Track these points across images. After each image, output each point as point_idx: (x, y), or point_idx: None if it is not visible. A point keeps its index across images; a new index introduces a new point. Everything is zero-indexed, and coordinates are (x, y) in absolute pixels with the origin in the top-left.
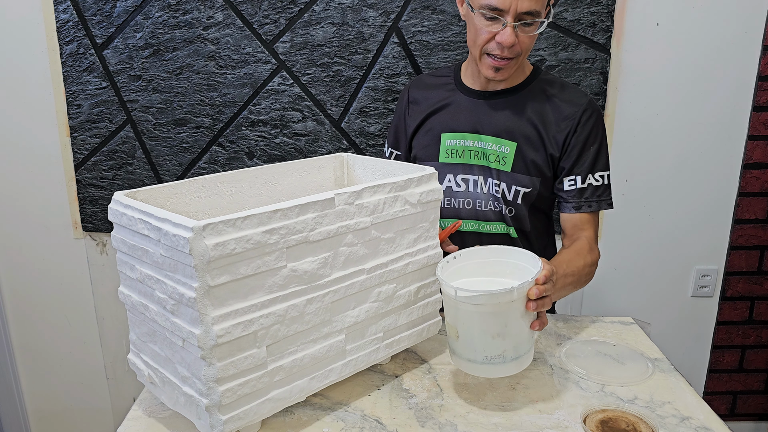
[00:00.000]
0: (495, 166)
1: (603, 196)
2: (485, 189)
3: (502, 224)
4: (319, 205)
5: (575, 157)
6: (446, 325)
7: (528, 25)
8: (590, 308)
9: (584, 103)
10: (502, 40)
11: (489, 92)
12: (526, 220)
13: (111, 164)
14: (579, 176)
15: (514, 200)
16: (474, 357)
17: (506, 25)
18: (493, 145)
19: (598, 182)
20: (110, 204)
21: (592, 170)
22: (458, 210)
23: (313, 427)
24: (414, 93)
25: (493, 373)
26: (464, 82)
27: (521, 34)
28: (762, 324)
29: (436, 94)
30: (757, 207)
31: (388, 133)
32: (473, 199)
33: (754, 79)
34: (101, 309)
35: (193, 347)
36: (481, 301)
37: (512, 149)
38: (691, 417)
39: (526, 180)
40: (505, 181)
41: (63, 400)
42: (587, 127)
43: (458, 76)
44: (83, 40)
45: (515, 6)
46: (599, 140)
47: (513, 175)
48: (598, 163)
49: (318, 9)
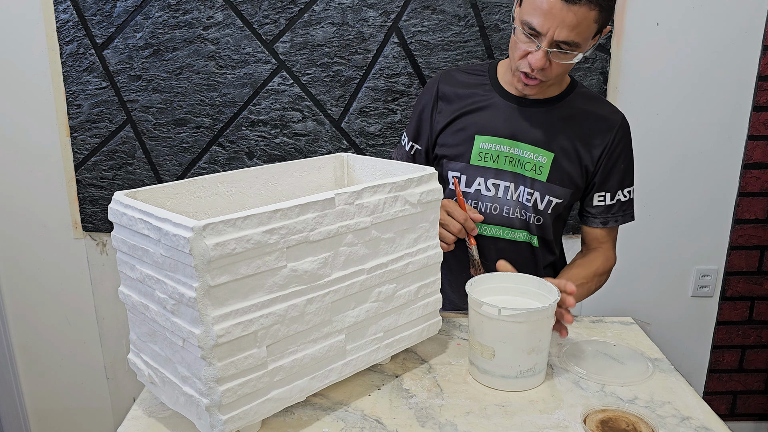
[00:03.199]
0: (531, 174)
1: (628, 210)
2: (515, 196)
3: (525, 233)
4: (319, 205)
5: (607, 173)
6: (476, 347)
7: (564, 54)
8: (590, 308)
9: (619, 120)
10: (532, 61)
11: (528, 99)
12: (550, 229)
13: (111, 164)
14: (609, 193)
15: (545, 210)
16: (509, 373)
17: (539, 47)
18: (531, 153)
19: (625, 198)
20: (110, 204)
21: (621, 186)
22: (484, 214)
23: (313, 427)
24: (444, 88)
25: (525, 386)
26: (502, 84)
27: (554, 60)
28: (762, 324)
29: (471, 93)
30: (757, 207)
31: (409, 123)
32: (501, 204)
33: (754, 79)
34: (101, 309)
35: (194, 347)
36: (524, 318)
37: (549, 159)
38: (691, 417)
39: (560, 191)
40: (539, 191)
41: (63, 400)
42: (621, 145)
43: (494, 77)
44: (83, 40)
45: (552, 32)
46: (629, 157)
47: (548, 185)
48: (626, 179)
49: (318, 9)
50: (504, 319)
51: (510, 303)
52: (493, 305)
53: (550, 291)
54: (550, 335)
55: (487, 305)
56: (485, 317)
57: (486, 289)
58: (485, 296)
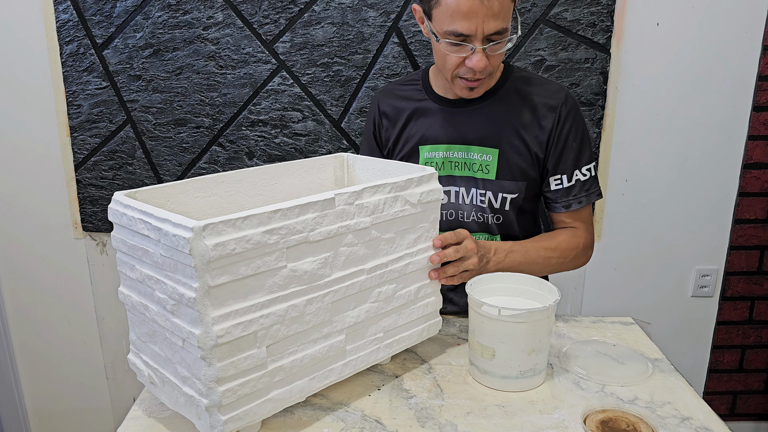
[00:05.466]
0: (479, 175)
1: (591, 189)
2: (467, 200)
3: (485, 235)
4: (319, 205)
5: (558, 155)
6: (476, 347)
7: (497, 44)
8: (590, 308)
9: (562, 98)
10: (472, 65)
11: (463, 100)
12: (515, 224)
13: (111, 164)
14: (565, 175)
15: (501, 208)
16: (509, 373)
17: (474, 50)
18: (475, 154)
19: (585, 176)
20: (110, 204)
21: (577, 166)
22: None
23: (313, 427)
24: (384, 106)
25: (525, 386)
26: (435, 90)
27: (491, 55)
28: (762, 324)
29: (407, 104)
30: (757, 207)
31: (361, 147)
32: (455, 210)
33: (754, 79)
34: (101, 309)
35: (193, 347)
36: (524, 319)
37: (495, 156)
38: (691, 417)
39: (512, 186)
40: (490, 190)
41: (63, 400)
42: (567, 123)
43: (427, 84)
44: (83, 40)
45: (481, 29)
46: (580, 133)
47: (498, 182)
48: (583, 158)
49: (318, 9)
50: (504, 320)
51: (510, 303)
52: (493, 305)
53: (550, 291)
54: (551, 335)
55: (487, 305)
56: (485, 317)
57: (486, 289)
58: (485, 296)
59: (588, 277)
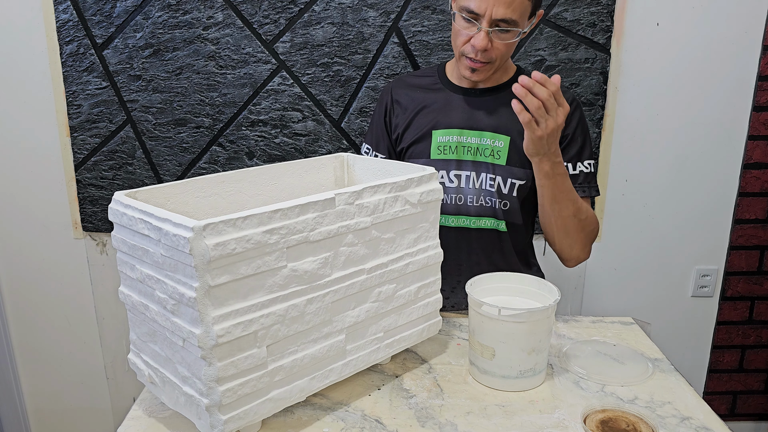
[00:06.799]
0: (490, 160)
1: (592, 183)
2: (477, 184)
3: (492, 219)
4: (319, 205)
5: (565, 145)
6: (476, 347)
7: (504, 32)
8: (590, 308)
9: (570, 97)
10: (474, 43)
11: (477, 89)
12: (519, 213)
13: (111, 164)
14: (570, 163)
15: (509, 193)
16: (509, 373)
17: (480, 29)
18: (488, 139)
19: (587, 169)
20: (110, 204)
21: (580, 158)
22: (447, 205)
23: (313, 427)
24: (397, 94)
25: (525, 386)
26: (451, 80)
27: (496, 40)
28: (762, 324)
29: (422, 93)
30: (757, 207)
31: (368, 133)
32: (464, 195)
33: (754, 79)
34: (101, 309)
35: (194, 347)
36: (524, 318)
37: (506, 143)
38: (691, 417)
39: (521, 173)
40: (500, 175)
41: (63, 400)
42: (574, 119)
43: (444, 76)
44: (83, 40)
45: (490, 12)
46: (585, 133)
47: (508, 168)
48: (585, 152)
49: (318, 9)
50: (504, 319)
51: (510, 303)
52: (493, 305)
53: (550, 291)
54: (551, 335)
55: (487, 305)
56: (485, 317)
57: (486, 289)
58: (485, 296)
59: (588, 277)
